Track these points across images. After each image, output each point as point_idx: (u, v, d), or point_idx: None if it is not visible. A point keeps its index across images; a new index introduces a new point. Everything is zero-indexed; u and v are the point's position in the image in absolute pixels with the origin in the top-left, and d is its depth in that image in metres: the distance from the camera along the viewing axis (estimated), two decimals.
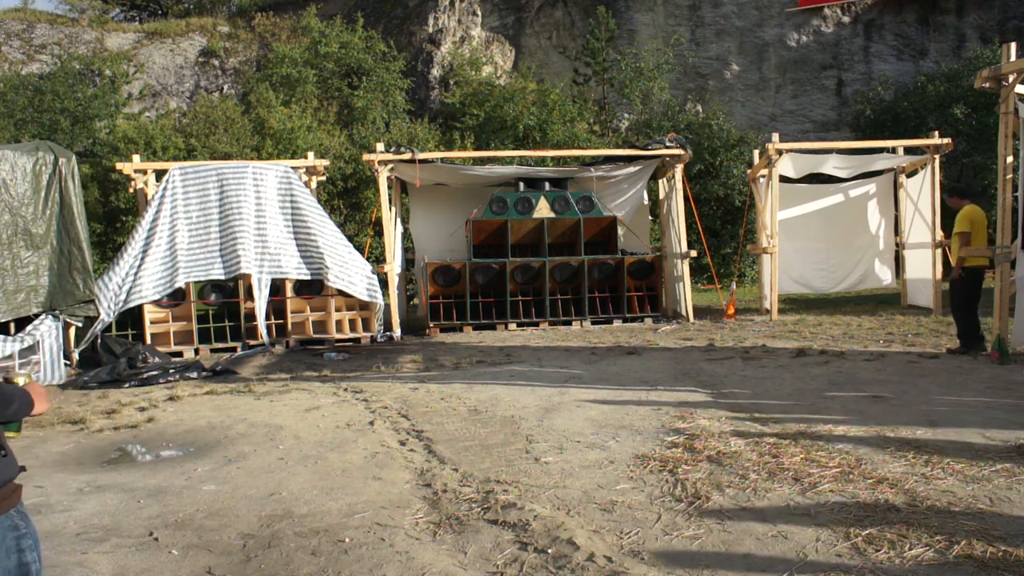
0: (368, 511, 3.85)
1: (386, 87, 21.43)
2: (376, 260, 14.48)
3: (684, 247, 11.76)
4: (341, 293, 10.59)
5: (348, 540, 3.48)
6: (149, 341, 9.76)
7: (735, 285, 13.32)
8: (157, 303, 9.96)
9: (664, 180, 12.82)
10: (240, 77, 24.05)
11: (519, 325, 11.62)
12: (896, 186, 12.86)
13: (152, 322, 9.99)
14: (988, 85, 7.59)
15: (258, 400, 6.83)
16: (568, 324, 11.67)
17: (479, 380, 7.37)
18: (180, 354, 9.84)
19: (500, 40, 23.93)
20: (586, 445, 4.89)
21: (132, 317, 9.92)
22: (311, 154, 12.10)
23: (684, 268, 11.79)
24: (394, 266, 11.28)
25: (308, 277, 10.52)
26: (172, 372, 8.20)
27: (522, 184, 12.19)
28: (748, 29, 22.80)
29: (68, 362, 8.95)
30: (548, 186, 12.21)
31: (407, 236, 13.87)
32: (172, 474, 4.64)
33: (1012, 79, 7.43)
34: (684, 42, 22.63)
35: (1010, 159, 7.54)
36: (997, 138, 7.76)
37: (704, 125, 19.13)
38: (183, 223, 10.12)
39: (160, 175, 11.09)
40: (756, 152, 13.34)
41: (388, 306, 11.08)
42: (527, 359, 8.65)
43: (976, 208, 7.99)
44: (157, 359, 8.67)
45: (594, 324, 11.73)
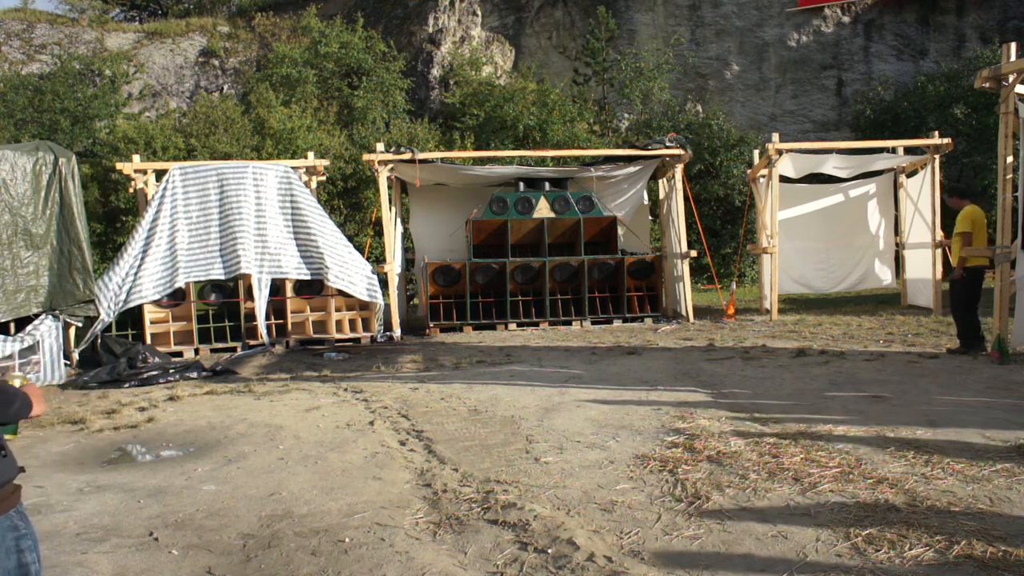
0: (368, 511, 3.85)
1: (386, 87, 21.43)
2: (376, 260, 14.48)
3: (684, 247, 11.76)
4: (341, 293, 10.60)
5: (348, 540, 3.48)
6: (149, 341, 9.76)
7: (735, 285, 13.32)
8: (157, 303, 9.96)
9: (664, 180, 12.82)
10: (240, 77, 24.05)
11: (519, 325, 11.62)
12: (896, 186, 12.86)
13: (152, 322, 10.00)
14: (988, 85, 7.60)
15: (258, 400, 6.83)
16: (568, 324, 11.67)
17: (479, 380, 7.37)
18: (180, 354, 9.84)
19: (500, 40, 23.93)
20: (586, 445, 4.89)
21: (132, 317, 9.93)
22: (311, 154, 12.10)
23: (684, 268, 11.79)
24: (394, 266, 11.28)
25: (308, 277, 10.52)
26: (172, 372, 8.20)
27: (522, 184, 12.19)
28: (748, 29, 22.81)
29: (68, 362, 8.95)
30: (548, 186, 12.21)
31: (407, 236, 13.87)
32: (172, 474, 4.64)
33: (1012, 79, 7.43)
34: (684, 42, 22.63)
35: (1010, 159, 7.54)
36: (997, 138, 7.76)
37: (704, 125, 19.13)
38: (183, 223, 10.12)
39: (160, 175, 11.10)
40: (756, 152, 13.34)
41: (388, 306, 11.08)
42: (527, 359, 8.65)
43: (976, 208, 8.00)
44: (157, 359, 8.67)
45: (594, 324, 11.73)
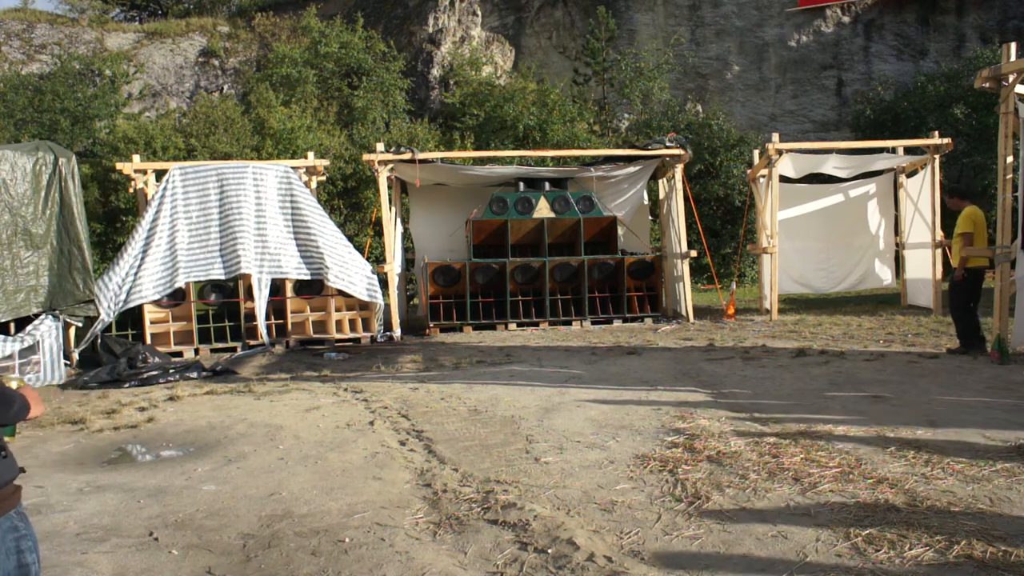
0: (368, 511, 3.85)
1: (386, 87, 21.43)
2: (376, 260, 14.48)
3: (684, 247, 11.75)
4: (341, 293, 10.60)
5: (348, 540, 3.48)
6: (149, 341, 9.76)
7: (735, 285, 13.32)
8: (157, 303, 9.96)
9: (664, 180, 12.82)
10: (240, 77, 24.04)
11: (519, 325, 11.62)
12: (896, 186, 12.86)
13: (152, 322, 10.00)
14: (988, 85, 7.59)
15: (258, 400, 6.83)
16: (568, 324, 11.67)
17: (479, 380, 7.37)
18: (180, 354, 9.84)
19: (500, 40, 23.93)
20: (586, 445, 4.89)
21: (132, 317, 9.93)
22: (311, 154, 12.10)
23: (684, 268, 11.79)
24: (394, 266, 11.28)
25: (308, 277, 10.52)
26: (172, 372, 8.20)
27: (522, 184, 12.19)
28: (748, 29, 22.81)
29: (68, 362, 8.95)
30: (548, 186, 12.21)
31: (407, 236, 13.87)
32: (172, 474, 4.64)
33: (1012, 79, 7.43)
34: (684, 42, 22.63)
35: (1010, 159, 7.54)
36: (997, 138, 7.76)
37: (704, 125, 19.13)
38: (183, 223, 10.12)
39: (160, 175, 11.10)
40: (756, 152, 13.34)
41: (388, 306, 11.08)
42: (527, 359, 8.65)
43: (977, 209, 8.00)
44: (157, 359, 8.67)
45: (594, 324, 11.73)
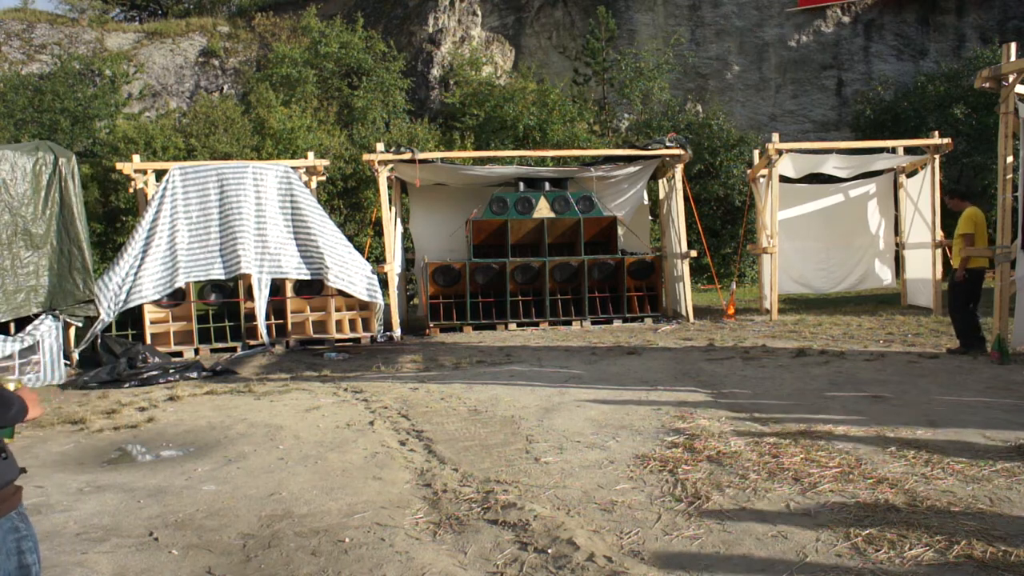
0: (368, 511, 3.85)
1: (386, 87, 21.43)
2: (376, 260, 14.48)
3: (684, 247, 11.76)
4: (341, 293, 10.60)
5: (348, 540, 3.48)
6: (149, 341, 9.76)
7: (735, 285, 13.32)
8: (157, 303, 9.96)
9: (664, 180, 12.82)
10: (240, 77, 24.05)
11: (519, 325, 11.62)
12: (896, 186, 12.87)
13: (152, 322, 10.00)
14: (988, 85, 7.59)
15: (258, 400, 6.83)
16: (568, 324, 11.67)
17: (479, 380, 7.37)
18: (180, 354, 9.84)
19: (500, 40, 23.93)
20: (586, 445, 4.89)
21: (132, 317, 9.93)
22: (311, 154, 12.10)
23: (684, 268, 11.79)
24: (394, 266, 11.28)
25: (308, 277, 10.52)
26: (172, 372, 8.20)
27: (522, 184, 12.19)
28: (748, 29, 22.81)
29: (68, 362, 8.95)
30: (548, 186, 12.21)
31: (407, 236, 13.87)
32: (172, 474, 4.64)
33: (1012, 79, 7.43)
34: (684, 42, 22.63)
35: (1010, 159, 7.54)
36: (997, 138, 7.76)
37: (704, 125, 19.13)
38: (183, 223, 10.12)
39: (160, 175, 11.10)
40: (756, 152, 13.34)
41: (388, 306, 11.08)
42: (527, 359, 8.65)
43: (977, 210, 8.01)
44: (157, 359, 8.67)
45: (594, 324, 11.73)
